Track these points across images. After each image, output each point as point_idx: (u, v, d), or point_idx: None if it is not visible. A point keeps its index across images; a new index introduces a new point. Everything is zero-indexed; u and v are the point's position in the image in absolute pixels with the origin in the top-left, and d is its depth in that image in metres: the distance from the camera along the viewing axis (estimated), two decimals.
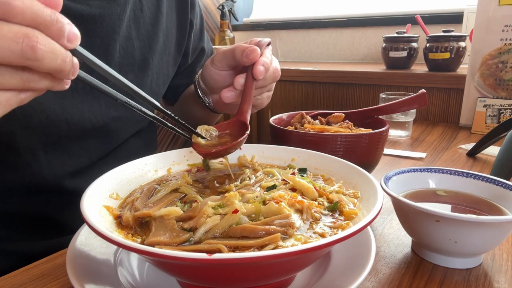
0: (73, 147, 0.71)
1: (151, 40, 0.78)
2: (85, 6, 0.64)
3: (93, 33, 0.67)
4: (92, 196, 0.46)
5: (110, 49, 0.70)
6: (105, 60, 0.69)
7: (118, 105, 0.75)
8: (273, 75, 0.69)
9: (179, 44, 0.88)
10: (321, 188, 0.52)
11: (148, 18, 0.77)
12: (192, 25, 0.90)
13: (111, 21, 0.69)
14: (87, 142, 0.73)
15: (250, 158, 0.66)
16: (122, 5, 0.70)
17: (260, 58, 0.65)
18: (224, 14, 2.23)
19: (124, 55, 0.73)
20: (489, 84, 1.27)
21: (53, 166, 0.69)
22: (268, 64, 0.66)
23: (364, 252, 0.47)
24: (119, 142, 0.80)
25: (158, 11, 0.79)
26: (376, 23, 1.98)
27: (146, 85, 0.79)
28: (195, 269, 0.37)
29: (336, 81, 1.72)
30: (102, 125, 0.73)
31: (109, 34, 0.69)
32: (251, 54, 0.64)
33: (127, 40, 0.73)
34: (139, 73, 0.77)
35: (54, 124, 0.66)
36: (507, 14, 1.20)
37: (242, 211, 0.43)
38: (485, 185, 0.58)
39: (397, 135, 1.22)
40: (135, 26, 0.75)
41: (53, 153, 0.69)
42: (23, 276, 0.49)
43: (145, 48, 0.77)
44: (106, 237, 0.36)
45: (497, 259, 0.53)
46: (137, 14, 0.75)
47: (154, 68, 0.80)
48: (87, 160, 0.74)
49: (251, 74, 0.65)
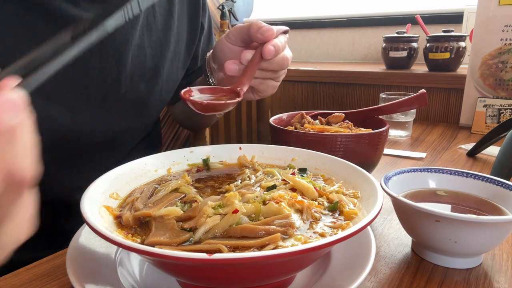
0: (83, 161, 0.71)
1: (162, 47, 0.77)
2: None
3: (106, 44, 0.66)
4: (92, 196, 0.46)
5: (122, 59, 0.69)
6: (116, 70, 0.68)
7: (127, 115, 0.73)
8: (281, 61, 0.67)
9: (189, 48, 0.87)
10: (321, 188, 0.52)
11: (160, 24, 0.76)
12: (203, 28, 0.90)
13: (124, 30, 0.68)
14: (97, 155, 0.72)
15: (250, 158, 0.66)
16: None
17: (273, 40, 0.64)
18: (224, 14, 2.23)
19: (136, 64, 0.72)
20: (489, 84, 1.27)
21: (63, 180, 0.69)
22: (279, 46, 0.65)
23: (364, 252, 0.47)
24: (127, 152, 0.80)
25: (170, 16, 0.78)
26: (376, 23, 1.98)
27: (156, 93, 0.78)
28: (195, 269, 0.37)
29: (336, 81, 1.72)
30: (112, 137, 0.72)
31: (122, 44, 0.68)
32: (265, 32, 0.63)
33: (139, 48, 0.72)
34: (149, 82, 0.75)
35: (65, 139, 0.65)
36: (507, 14, 1.20)
37: (242, 211, 0.43)
38: (485, 185, 0.58)
39: (397, 135, 1.22)
40: (148, 33, 0.74)
41: (64, 168, 0.68)
42: (23, 276, 0.49)
43: (156, 56, 0.76)
44: (106, 237, 0.36)
45: (497, 259, 0.53)
46: (149, 20, 0.74)
47: (164, 76, 0.79)
48: (98, 174, 0.74)
49: (259, 52, 0.64)
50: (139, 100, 0.74)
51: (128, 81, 0.71)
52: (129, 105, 0.73)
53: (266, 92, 0.74)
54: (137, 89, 0.73)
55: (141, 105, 0.76)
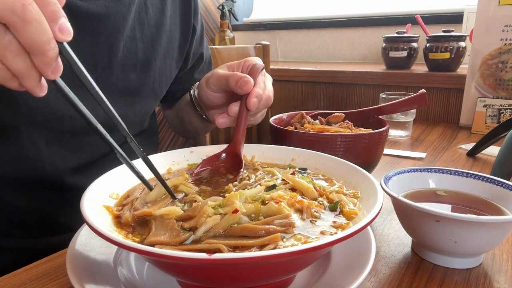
0: (75, 143, 0.72)
1: (154, 41, 0.79)
2: (91, 4, 0.65)
3: (98, 31, 0.68)
4: (92, 196, 0.46)
5: (114, 47, 0.71)
6: (108, 58, 0.70)
7: (120, 104, 0.75)
8: (265, 103, 0.69)
9: (182, 48, 0.89)
10: (321, 188, 0.52)
11: (152, 20, 0.78)
12: (195, 30, 0.92)
13: (116, 20, 0.70)
14: (89, 139, 0.73)
15: (250, 158, 0.66)
16: (127, 6, 0.71)
17: (254, 89, 0.65)
18: (224, 14, 2.23)
19: (127, 55, 0.74)
20: (489, 84, 1.27)
21: (55, 161, 0.70)
22: (262, 95, 0.66)
23: (364, 252, 0.47)
24: (121, 141, 0.81)
25: (162, 14, 0.80)
26: (376, 23, 1.98)
27: (149, 85, 0.80)
28: (195, 269, 0.37)
29: (336, 81, 1.72)
30: (104, 122, 0.73)
31: (114, 33, 0.70)
32: (244, 86, 0.64)
33: (131, 41, 0.74)
34: (141, 73, 0.78)
35: (58, 120, 0.67)
36: (507, 14, 1.20)
37: (242, 211, 0.43)
38: (485, 185, 0.58)
39: (397, 135, 1.22)
40: (140, 27, 0.76)
41: (56, 148, 0.70)
42: (23, 276, 0.49)
43: (148, 49, 0.78)
44: (106, 237, 0.36)
45: (497, 259, 0.53)
46: (141, 15, 0.76)
47: (156, 70, 0.81)
48: (89, 156, 0.75)
49: (244, 103, 0.65)
50: (130, 89, 0.77)
51: (119, 70, 0.73)
52: (120, 93, 0.75)
53: (257, 122, 0.76)
54: (128, 79, 0.75)
55: (132, 95, 0.78)
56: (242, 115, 0.66)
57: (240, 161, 0.62)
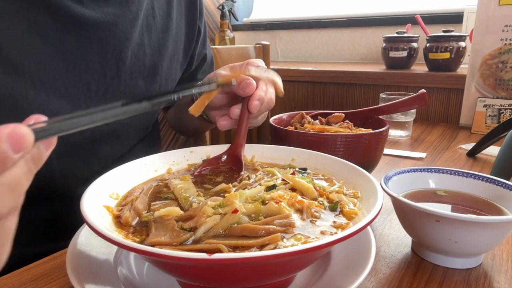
0: (85, 154, 0.72)
1: (161, 46, 0.79)
2: (99, 13, 0.65)
3: (106, 40, 0.68)
4: (92, 196, 0.46)
5: (122, 56, 0.71)
6: (116, 66, 0.70)
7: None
8: (267, 105, 0.68)
9: (187, 50, 0.89)
10: (321, 188, 0.52)
11: (159, 25, 0.78)
12: (200, 32, 0.92)
13: (124, 28, 0.69)
14: (98, 149, 0.74)
15: (250, 158, 0.66)
16: (134, 13, 0.71)
17: (256, 92, 0.64)
18: (224, 14, 2.23)
19: (135, 62, 0.74)
20: (489, 84, 1.27)
21: (65, 173, 0.70)
22: (263, 97, 0.66)
23: (364, 252, 0.47)
24: (128, 148, 0.81)
25: (169, 18, 0.80)
26: (376, 23, 1.98)
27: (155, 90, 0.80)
28: (195, 269, 0.37)
29: (336, 81, 1.72)
30: (113, 131, 0.74)
31: (122, 41, 0.70)
32: (247, 88, 0.63)
33: (139, 47, 0.74)
34: (148, 79, 0.77)
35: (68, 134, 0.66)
36: (507, 14, 1.20)
37: (242, 211, 0.43)
38: (485, 185, 0.58)
39: (397, 135, 1.22)
40: (148, 33, 0.76)
41: (66, 161, 0.69)
42: (23, 276, 0.49)
43: (155, 54, 0.78)
44: (106, 237, 0.36)
45: (497, 259, 0.53)
46: (149, 20, 0.76)
47: (163, 75, 0.81)
48: (98, 166, 0.75)
49: (246, 106, 0.65)
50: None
51: (128, 78, 0.73)
52: None
53: (258, 124, 0.76)
54: (136, 86, 0.75)
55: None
56: (244, 117, 0.66)
57: (241, 164, 0.62)
